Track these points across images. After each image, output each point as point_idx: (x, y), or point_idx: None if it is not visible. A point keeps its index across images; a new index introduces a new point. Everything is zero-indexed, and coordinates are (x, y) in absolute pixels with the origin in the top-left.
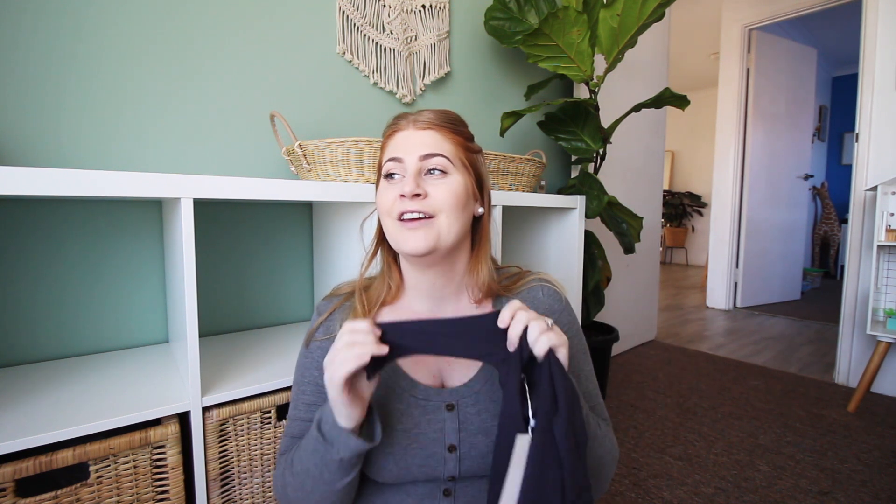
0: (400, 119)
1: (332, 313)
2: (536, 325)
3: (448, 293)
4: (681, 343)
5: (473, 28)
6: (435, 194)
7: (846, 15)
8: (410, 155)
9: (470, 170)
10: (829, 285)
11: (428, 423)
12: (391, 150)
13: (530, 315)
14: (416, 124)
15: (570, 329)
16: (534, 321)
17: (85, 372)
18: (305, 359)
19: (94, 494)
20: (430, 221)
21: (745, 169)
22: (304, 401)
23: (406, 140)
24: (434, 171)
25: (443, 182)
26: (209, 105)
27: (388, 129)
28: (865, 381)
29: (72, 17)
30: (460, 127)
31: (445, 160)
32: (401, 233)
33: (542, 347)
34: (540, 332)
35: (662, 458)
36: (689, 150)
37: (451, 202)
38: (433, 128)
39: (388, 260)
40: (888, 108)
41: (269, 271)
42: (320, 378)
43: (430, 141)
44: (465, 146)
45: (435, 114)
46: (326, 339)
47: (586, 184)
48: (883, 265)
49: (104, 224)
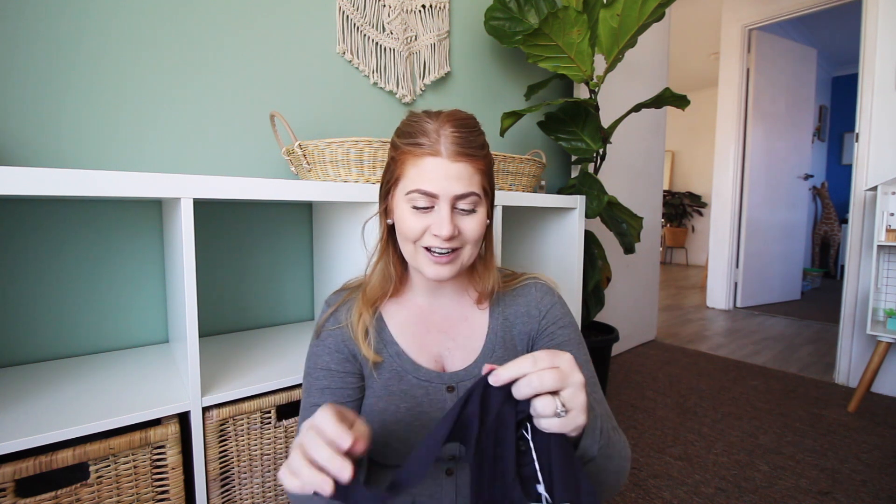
0: (423, 136)
1: (338, 307)
2: (546, 404)
3: (450, 291)
4: (681, 343)
5: (473, 28)
6: (465, 230)
7: (846, 15)
8: (445, 193)
9: (490, 193)
10: (829, 285)
11: (430, 403)
12: (420, 179)
13: (544, 384)
14: (449, 153)
15: (563, 320)
16: (547, 399)
17: (85, 372)
18: (317, 347)
19: (94, 494)
20: (457, 253)
21: (745, 169)
22: (318, 386)
23: (438, 173)
24: (467, 208)
25: (472, 218)
26: (209, 105)
27: (409, 144)
28: (865, 381)
29: (72, 17)
30: (484, 149)
31: (477, 198)
32: (427, 263)
33: (551, 429)
34: (553, 413)
35: (662, 458)
36: (689, 150)
37: (477, 236)
38: (465, 159)
39: (393, 259)
40: (888, 108)
41: (269, 271)
42: (332, 363)
43: (464, 175)
44: (487, 170)
45: (462, 136)
46: (336, 328)
47: (586, 184)
48: (883, 265)
49: (104, 224)
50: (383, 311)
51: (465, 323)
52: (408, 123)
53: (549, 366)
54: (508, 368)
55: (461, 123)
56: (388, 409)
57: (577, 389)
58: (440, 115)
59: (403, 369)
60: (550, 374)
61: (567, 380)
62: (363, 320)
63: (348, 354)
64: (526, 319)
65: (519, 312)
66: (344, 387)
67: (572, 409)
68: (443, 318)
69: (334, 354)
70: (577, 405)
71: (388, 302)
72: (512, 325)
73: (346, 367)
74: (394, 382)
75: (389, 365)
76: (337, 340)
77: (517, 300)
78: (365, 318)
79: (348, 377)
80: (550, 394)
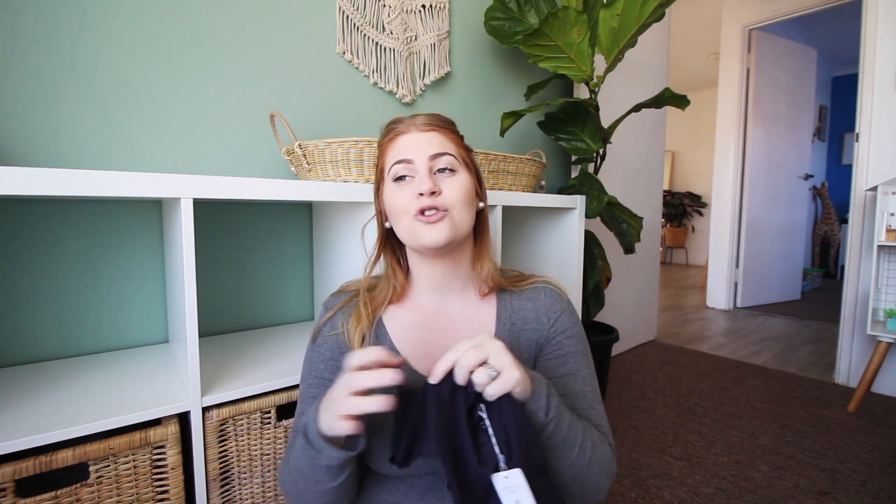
0: (397, 123)
1: (336, 312)
2: (480, 374)
3: (455, 286)
4: (681, 343)
5: (473, 28)
6: (447, 191)
7: (846, 15)
8: (420, 155)
9: (472, 167)
10: (830, 285)
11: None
12: (396, 153)
13: (468, 360)
14: (418, 127)
15: (571, 329)
16: (480, 371)
17: (85, 372)
18: (312, 353)
19: (93, 495)
20: (446, 215)
21: (745, 169)
22: (311, 394)
23: (411, 142)
24: (444, 169)
25: (453, 179)
26: (209, 105)
27: (386, 133)
28: (865, 381)
29: (72, 16)
30: (455, 129)
31: (453, 158)
32: (421, 228)
33: (495, 394)
34: (488, 379)
35: (662, 458)
36: (689, 150)
37: (462, 197)
38: (435, 129)
39: (392, 263)
40: (888, 108)
41: (269, 271)
42: (325, 372)
43: (435, 141)
44: (464, 146)
45: (431, 116)
46: (332, 334)
47: (586, 184)
48: (883, 265)
49: (104, 224)
50: (384, 315)
51: (471, 325)
52: (386, 125)
53: (470, 346)
54: (440, 364)
55: (430, 113)
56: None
57: (499, 353)
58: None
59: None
60: (473, 351)
61: (487, 349)
62: (360, 329)
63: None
64: (535, 326)
65: (528, 318)
66: None
67: (502, 368)
68: (448, 319)
69: (329, 363)
70: (505, 364)
71: (390, 306)
72: (520, 331)
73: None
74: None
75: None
76: (332, 347)
77: (525, 304)
78: (363, 326)
79: None
80: (481, 367)
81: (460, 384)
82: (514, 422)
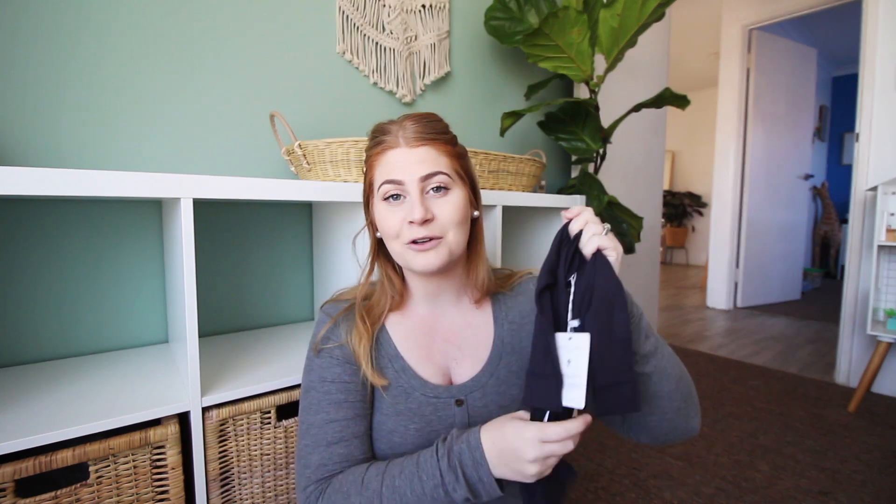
0: (385, 134)
1: (338, 320)
2: (591, 227)
3: (450, 296)
4: (681, 343)
5: (473, 28)
6: (441, 214)
7: (846, 15)
8: (411, 176)
9: (465, 178)
10: (830, 285)
11: (439, 420)
12: (386, 171)
13: (591, 218)
14: (408, 141)
15: None
16: (592, 223)
17: (85, 372)
18: (321, 360)
19: (93, 495)
20: (440, 241)
21: (745, 169)
22: (331, 400)
23: (401, 159)
24: (438, 188)
25: (446, 200)
26: (209, 105)
27: (373, 146)
28: (865, 381)
29: (72, 16)
30: (447, 134)
31: (446, 177)
32: (413, 255)
33: (590, 248)
34: (592, 233)
35: (663, 459)
36: (689, 150)
37: (456, 219)
38: (426, 143)
39: (388, 271)
40: (888, 108)
41: (269, 271)
42: (345, 375)
43: (427, 158)
44: (457, 154)
45: (421, 125)
46: (338, 345)
47: (586, 184)
48: (883, 265)
49: (104, 224)
50: (386, 322)
51: (470, 330)
52: (373, 131)
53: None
54: (576, 220)
55: (419, 116)
56: (397, 430)
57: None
58: (401, 117)
59: (410, 386)
60: (596, 222)
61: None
62: (364, 343)
63: (356, 367)
64: (532, 317)
65: (525, 311)
66: (362, 400)
67: (610, 234)
68: (446, 326)
69: (346, 366)
70: (612, 234)
71: (392, 316)
72: (520, 327)
73: (357, 378)
74: (401, 401)
75: (396, 382)
76: (346, 352)
77: (518, 298)
78: (365, 340)
79: (364, 389)
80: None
81: (574, 234)
82: (604, 284)
